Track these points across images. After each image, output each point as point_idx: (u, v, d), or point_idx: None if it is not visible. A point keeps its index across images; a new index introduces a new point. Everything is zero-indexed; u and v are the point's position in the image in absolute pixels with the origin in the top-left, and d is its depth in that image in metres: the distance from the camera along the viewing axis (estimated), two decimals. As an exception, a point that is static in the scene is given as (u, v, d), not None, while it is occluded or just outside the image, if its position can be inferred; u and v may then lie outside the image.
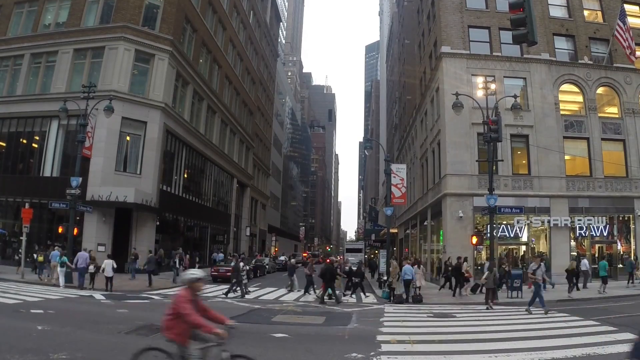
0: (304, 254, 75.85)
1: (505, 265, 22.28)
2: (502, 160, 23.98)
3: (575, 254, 25.42)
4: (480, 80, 24.29)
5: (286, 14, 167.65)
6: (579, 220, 25.86)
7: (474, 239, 22.65)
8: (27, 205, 23.07)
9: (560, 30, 28.18)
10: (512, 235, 25.69)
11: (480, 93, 23.12)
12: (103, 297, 16.10)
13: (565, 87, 27.71)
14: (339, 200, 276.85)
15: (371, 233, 51.68)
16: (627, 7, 27.67)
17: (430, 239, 31.26)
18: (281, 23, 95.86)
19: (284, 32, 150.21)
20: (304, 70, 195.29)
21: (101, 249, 24.30)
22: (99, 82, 25.53)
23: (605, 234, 26.25)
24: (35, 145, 28.21)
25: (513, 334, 10.52)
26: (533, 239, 26.55)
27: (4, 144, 28.86)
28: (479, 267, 23.91)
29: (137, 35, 27.57)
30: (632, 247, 26.17)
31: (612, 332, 10.46)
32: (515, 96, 21.51)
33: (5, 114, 28.11)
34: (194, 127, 34.03)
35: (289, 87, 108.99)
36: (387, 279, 19.92)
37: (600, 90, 27.90)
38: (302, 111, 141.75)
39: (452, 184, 25.86)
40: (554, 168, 26.07)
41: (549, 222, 25.52)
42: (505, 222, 25.53)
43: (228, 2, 41.30)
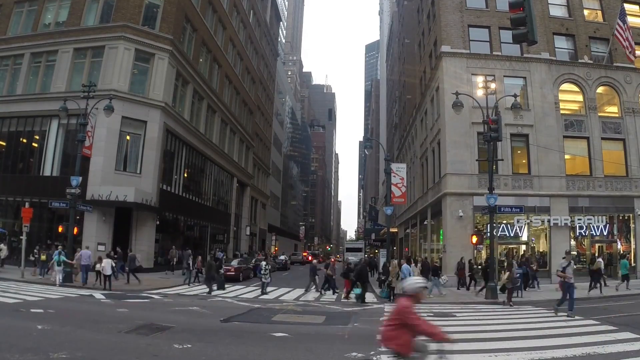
0: (304, 254, 75.82)
1: (534, 264, 22.86)
2: (502, 160, 23.97)
3: (574, 253, 25.43)
4: (480, 79, 24.31)
5: (286, 13, 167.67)
6: (579, 219, 25.87)
7: (474, 239, 22.69)
8: (27, 205, 23.06)
9: (560, 29, 28.17)
10: (512, 235, 25.70)
11: (480, 92, 23.12)
12: (103, 297, 16.11)
13: (565, 87, 27.71)
14: (339, 199, 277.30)
15: (371, 232, 51.77)
16: (627, 6, 27.65)
17: (430, 238, 31.26)
18: (281, 22, 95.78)
19: (284, 32, 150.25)
20: (304, 70, 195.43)
21: (101, 248, 24.28)
22: (99, 81, 25.53)
23: (605, 234, 26.26)
24: (35, 145, 28.21)
25: (513, 334, 10.52)
26: (533, 239, 26.57)
27: (4, 144, 28.84)
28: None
29: (137, 34, 27.57)
30: (632, 246, 26.18)
31: (612, 332, 10.46)
32: (515, 95, 21.52)
33: (5, 113, 28.12)
34: (194, 127, 34.02)
35: (289, 87, 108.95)
36: (387, 278, 19.91)
37: (600, 89, 27.89)
38: (302, 110, 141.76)
39: (452, 183, 25.86)
40: (554, 167, 26.07)
41: (549, 221, 25.53)
42: (505, 222, 25.53)
43: (228, 1, 41.27)
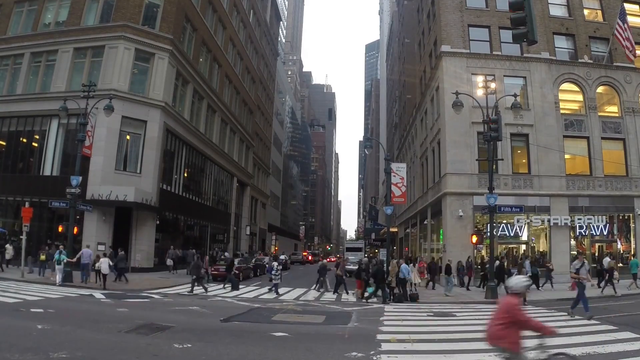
0: (304, 253, 75.81)
1: (550, 264, 23.27)
2: (502, 159, 23.99)
3: (574, 252, 25.44)
4: (480, 79, 24.33)
5: (286, 13, 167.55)
6: (579, 219, 25.88)
7: (474, 238, 22.72)
8: (27, 204, 23.07)
9: (560, 29, 28.16)
10: (512, 234, 25.70)
11: (480, 92, 23.14)
12: (103, 296, 16.11)
13: (565, 86, 27.71)
14: (339, 199, 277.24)
15: (371, 232, 51.77)
16: (627, 6, 27.66)
17: (430, 238, 31.26)
18: (281, 22, 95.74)
19: (284, 31, 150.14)
20: (304, 69, 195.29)
21: (101, 247, 24.28)
22: (99, 81, 25.51)
23: (605, 233, 26.28)
24: (35, 144, 28.19)
25: (513, 333, 10.50)
26: (533, 238, 26.57)
27: (4, 143, 28.83)
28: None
29: (137, 34, 27.55)
30: (632, 246, 26.18)
31: (613, 331, 10.47)
32: (515, 95, 21.54)
33: (5, 112, 28.10)
34: (194, 126, 34.00)
35: (289, 86, 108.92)
36: (387, 278, 19.88)
37: (600, 89, 27.89)
38: (302, 110, 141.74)
39: (452, 183, 25.86)
40: (554, 167, 26.07)
41: (549, 221, 25.54)
42: (505, 221, 25.54)
43: (228, 1, 41.24)
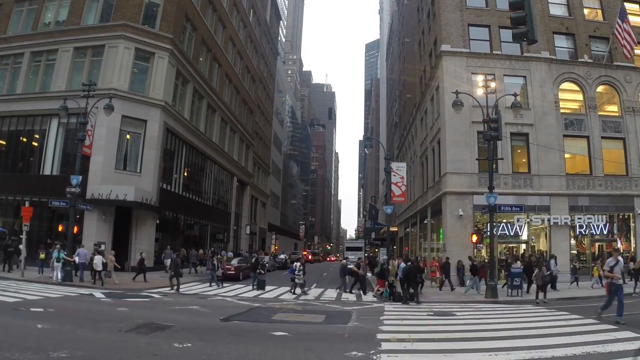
0: (303, 253, 75.80)
1: (577, 263, 23.82)
2: (502, 159, 23.99)
3: (575, 252, 25.48)
4: (480, 78, 24.32)
5: (286, 12, 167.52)
6: (579, 218, 25.87)
7: (474, 238, 22.72)
8: (27, 204, 23.07)
9: (560, 28, 28.15)
10: (512, 234, 25.68)
11: (480, 91, 23.12)
12: (103, 296, 16.11)
13: (565, 86, 27.69)
14: (339, 198, 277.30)
15: (371, 231, 51.77)
16: (627, 5, 27.62)
17: (430, 237, 31.26)
18: (281, 21, 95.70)
19: (284, 31, 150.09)
20: (304, 69, 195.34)
21: (101, 247, 24.29)
22: (99, 80, 25.48)
23: (605, 233, 26.26)
24: (35, 144, 28.18)
25: (513, 333, 10.53)
26: (533, 238, 26.57)
27: (4, 143, 28.82)
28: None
29: (137, 33, 27.54)
30: (632, 245, 26.18)
31: (612, 331, 10.46)
32: (515, 94, 21.51)
33: (5, 112, 28.09)
34: (194, 126, 34.00)
35: (289, 86, 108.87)
36: (389, 278, 19.88)
37: (600, 88, 27.88)
38: (302, 109, 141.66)
39: (452, 182, 25.86)
40: (554, 166, 26.07)
41: (549, 220, 25.54)
42: (505, 221, 25.52)
43: (228, 0, 41.23)
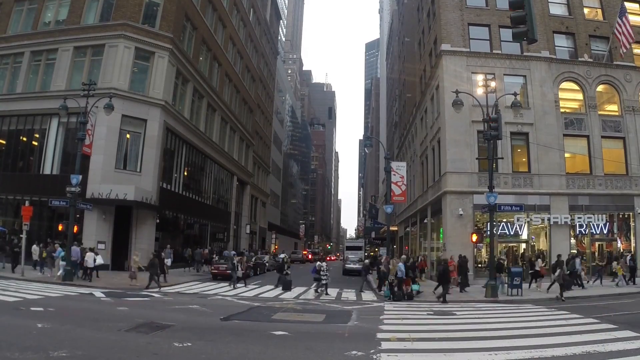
0: (303, 252, 75.87)
1: (599, 261, 24.25)
2: (502, 158, 23.98)
3: (575, 251, 25.44)
4: (480, 78, 24.32)
5: (286, 11, 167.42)
6: (579, 217, 25.88)
7: (474, 237, 22.72)
8: (27, 203, 23.07)
9: (560, 28, 28.14)
10: (512, 233, 25.70)
11: (480, 91, 23.11)
12: (103, 295, 16.11)
13: (565, 85, 27.70)
14: (339, 197, 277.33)
15: (371, 231, 51.84)
16: (627, 4, 27.61)
17: (430, 236, 31.26)
18: (281, 21, 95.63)
19: (284, 30, 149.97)
20: (304, 68, 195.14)
21: (101, 246, 24.30)
22: (99, 79, 25.43)
23: (605, 232, 26.30)
24: (35, 143, 28.15)
25: (513, 332, 10.53)
26: (533, 237, 26.58)
27: (4, 142, 28.79)
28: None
29: (137, 33, 27.50)
30: (632, 244, 26.19)
31: (613, 330, 10.46)
32: (515, 94, 21.49)
33: (6, 111, 28.05)
34: (194, 125, 33.98)
35: (289, 85, 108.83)
36: (388, 277, 19.90)
37: (600, 88, 27.89)
38: (302, 109, 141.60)
39: (452, 181, 25.87)
40: (554, 166, 26.08)
41: (549, 219, 25.54)
42: (505, 220, 25.54)
43: (228, -1, 41.21)
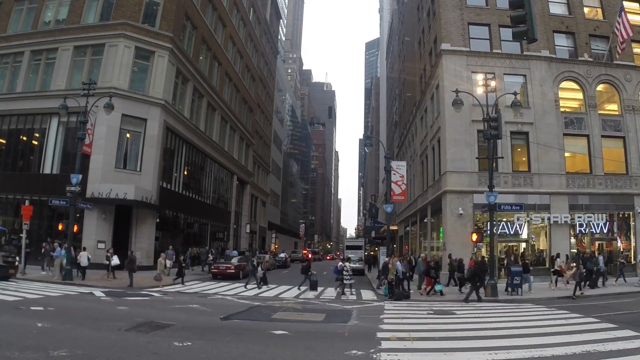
0: (304, 251, 75.86)
1: (621, 259, 24.16)
2: (502, 158, 23.98)
3: (575, 250, 25.48)
4: (480, 77, 24.29)
5: (286, 11, 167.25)
6: (579, 217, 25.89)
7: (474, 236, 22.70)
8: (27, 203, 23.12)
9: (560, 27, 28.13)
10: (512, 233, 25.70)
11: (480, 90, 23.08)
12: (103, 294, 16.12)
13: (565, 84, 27.69)
14: (339, 197, 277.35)
15: (371, 230, 51.76)
16: (627, 4, 27.63)
17: (430, 236, 31.27)
18: (281, 20, 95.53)
19: (284, 29, 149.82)
20: (304, 68, 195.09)
21: (101, 246, 24.34)
22: (99, 79, 25.45)
23: (605, 231, 26.31)
24: (35, 143, 28.16)
25: (513, 331, 10.53)
26: (533, 236, 26.57)
27: (4, 141, 28.78)
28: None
29: (137, 32, 27.51)
30: (632, 244, 26.20)
31: (612, 330, 10.47)
32: (515, 93, 21.48)
33: (5, 111, 28.05)
34: (194, 124, 33.98)
35: (289, 84, 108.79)
36: (388, 276, 19.91)
37: (600, 87, 27.89)
38: (302, 108, 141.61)
39: (452, 181, 25.86)
40: (554, 165, 26.08)
41: (548, 219, 25.54)
42: (505, 219, 25.54)
43: (228, -1, 41.17)
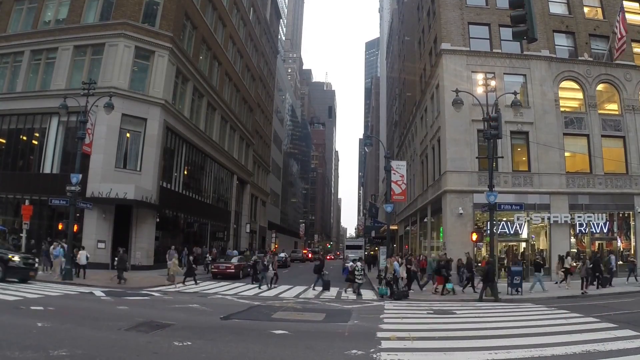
0: (303, 251, 75.94)
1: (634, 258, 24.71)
2: (502, 157, 23.95)
3: (574, 250, 25.47)
4: (480, 77, 24.26)
5: (286, 10, 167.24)
6: (579, 217, 25.88)
7: (474, 236, 22.71)
8: (27, 202, 23.14)
9: (560, 27, 28.12)
10: (512, 232, 25.71)
11: (480, 90, 23.05)
12: (103, 294, 16.11)
13: (565, 84, 27.68)
14: (339, 196, 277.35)
15: (371, 230, 51.71)
16: (627, 4, 27.62)
17: (430, 235, 31.27)
18: (281, 20, 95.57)
19: (284, 29, 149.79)
20: (304, 67, 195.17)
21: (101, 245, 24.35)
22: (99, 78, 25.45)
23: (605, 231, 26.29)
24: (35, 142, 28.17)
25: (513, 331, 10.53)
26: (533, 236, 26.56)
27: (4, 141, 28.78)
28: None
29: (137, 31, 27.51)
30: (632, 244, 26.20)
31: (612, 329, 10.47)
32: (515, 93, 21.45)
33: (5, 110, 28.07)
34: (194, 124, 33.98)
35: (289, 84, 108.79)
36: (386, 276, 19.92)
37: (600, 87, 27.88)
38: (302, 108, 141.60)
39: (452, 180, 25.86)
40: (554, 165, 26.07)
41: (549, 218, 25.53)
42: (505, 219, 25.54)
43: (228, -2, 41.16)
